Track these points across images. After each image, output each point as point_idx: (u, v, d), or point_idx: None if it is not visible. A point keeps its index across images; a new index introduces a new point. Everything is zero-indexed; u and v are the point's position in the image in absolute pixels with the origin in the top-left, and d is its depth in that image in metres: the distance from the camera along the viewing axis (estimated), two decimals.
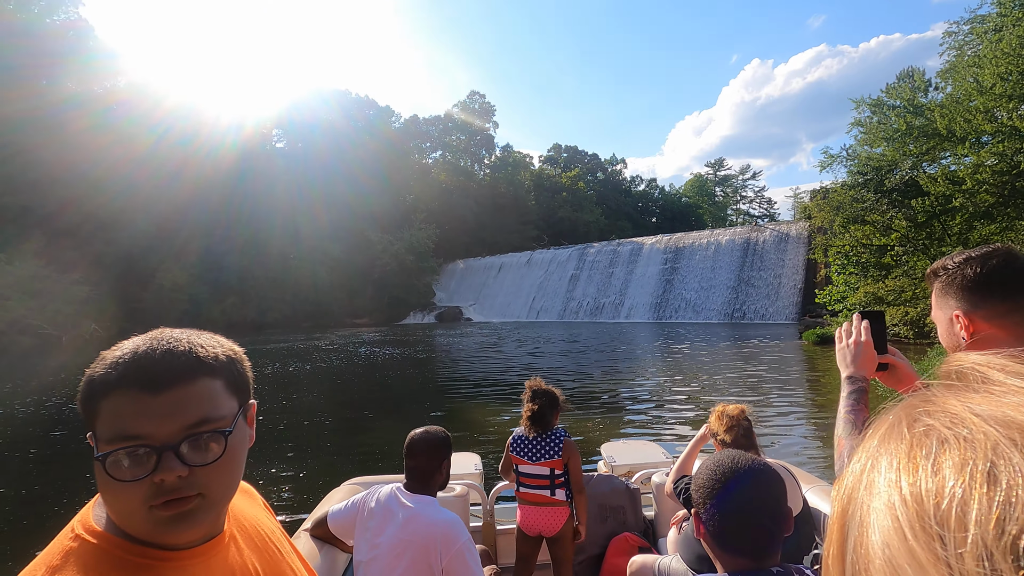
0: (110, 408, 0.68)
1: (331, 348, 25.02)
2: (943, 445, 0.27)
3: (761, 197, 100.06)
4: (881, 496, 0.28)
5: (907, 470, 0.28)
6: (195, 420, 0.71)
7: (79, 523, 0.72)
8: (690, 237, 49.09)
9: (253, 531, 0.89)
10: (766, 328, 33.29)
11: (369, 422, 10.06)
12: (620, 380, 14.73)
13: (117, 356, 0.71)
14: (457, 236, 68.62)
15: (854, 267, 21.84)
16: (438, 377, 16.03)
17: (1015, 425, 0.25)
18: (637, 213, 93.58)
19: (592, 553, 3.19)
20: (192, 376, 0.72)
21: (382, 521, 1.95)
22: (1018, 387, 0.29)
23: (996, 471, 0.24)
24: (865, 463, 0.31)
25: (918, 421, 0.30)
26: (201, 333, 0.79)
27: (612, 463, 3.70)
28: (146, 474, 0.67)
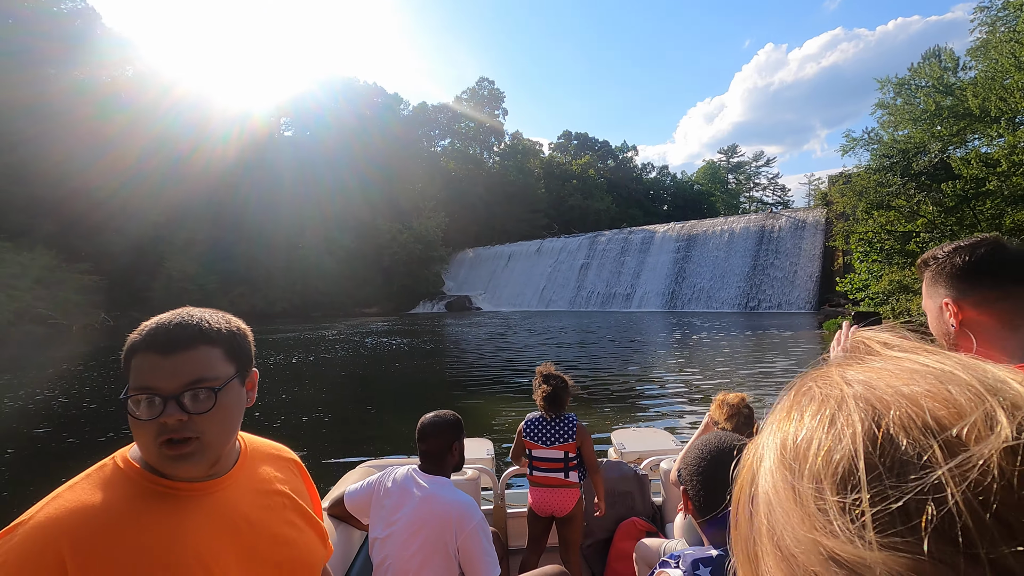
0: (136, 365, 0.90)
1: (337, 338, 24.65)
2: (811, 400, 0.34)
3: (775, 184, 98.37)
4: (768, 443, 0.35)
5: (786, 420, 0.34)
6: (194, 378, 0.90)
7: (118, 454, 0.96)
8: (703, 225, 48.14)
9: (263, 487, 1.06)
10: (782, 317, 32.49)
11: (371, 417, 9.59)
12: (633, 370, 14.29)
13: (146, 325, 0.92)
14: (466, 225, 68.05)
15: (877, 254, 21.00)
16: (446, 368, 15.57)
17: (864, 384, 0.31)
18: (648, 201, 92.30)
19: (600, 537, 3.25)
20: (194, 344, 0.92)
21: (399, 500, 2.00)
22: (888, 356, 0.35)
23: (838, 416, 0.30)
24: (769, 421, 0.37)
25: (804, 385, 0.36)
26: (216, 312, 1.00)
27: (622, 450, 3.77)
28: (154, 416, 0.87)
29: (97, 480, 0.91)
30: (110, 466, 0.93)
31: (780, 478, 0.31)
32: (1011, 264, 1.18)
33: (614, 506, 3.26)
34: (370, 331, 28.83)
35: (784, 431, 0.34)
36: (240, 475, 1.03)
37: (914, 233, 20.71)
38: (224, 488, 0.99)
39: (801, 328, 24.52)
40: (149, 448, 0.89)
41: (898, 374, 0.32)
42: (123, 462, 0.94)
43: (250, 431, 1.15)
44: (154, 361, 0.89)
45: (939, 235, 19.75)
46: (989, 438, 0.26)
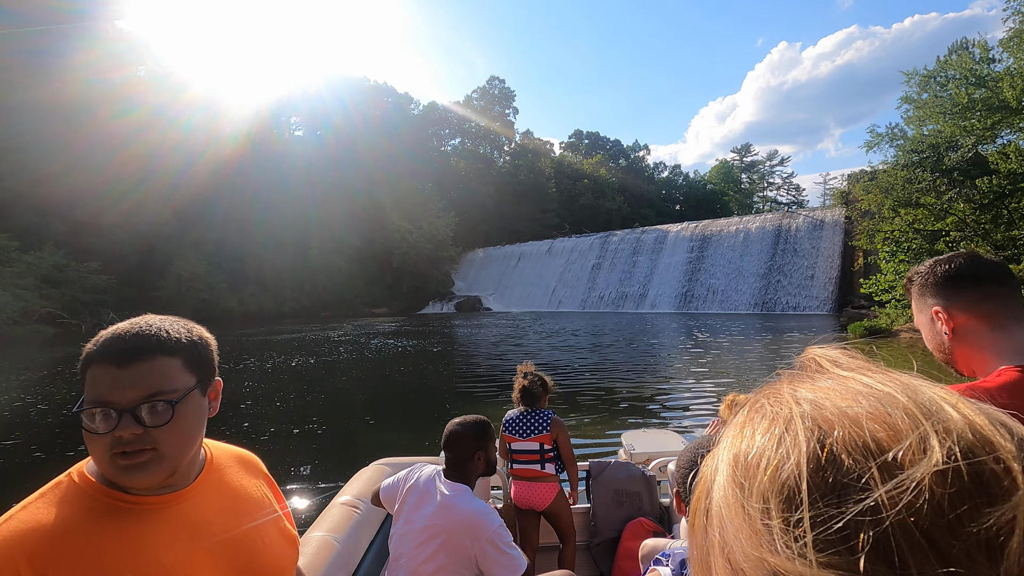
0: (91, 377, 0.87)
1: (342, 340, 24.11)
2: (762, 417, 0.34)
3: (789, 184, 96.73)
4: (722, 459, 0.35)
5: (736, 438, 0.35)
6: (150, 391, 0.88)
7: (74, 468, 0.92)
8: (717, 224, 47.16)
9: (230, 495, 1.04)
10: (800, 319, 31.51)
11: (368, 428, 8.97)
12: (646, 372, 13.69)
13: (103, 335, 0.89)
14: (476, 224, 67.54)
15: (904, 254, 20.08)
16: (453, 372, 14.94)
17: (812, 403, 0.32)
18: (660, 200, 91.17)
19: (608, 536, 3.26)
20: (151, 355, 0.89)
21: (420, 499, 2.04)
22: (836, 374, 0.36)
23: (786, 435, 0.31)
24: (726, 435, 0.38)
25: (758, 401, 0.37)
26: (177, 320, 0.97)
27: (631, 451, 3.78)
28: (109, 430, 0.85)
29: (53, 498, 0.87)
30: (66, 483, 0.90)
31: (731, 494, 0.32)
32: (989, 267, 1.25)
33: (622, 506, 3.29)
34: (377, 332, 28.32)
35: (736, 447, 0.34)
36: (206, 484, 1.01)
37: (943, 232, 19.78)
38: (188, 499, 0.96)
39: (820, 331, 23.60)
40: (102, 460, 0.87)
41: (843, 394, 0.32)
42: (79, 477, 0.90)
43: (235, 441, 1.15)
44: (110, 373, 0.86)
45: (970, 233, 18.82)
46: (922, 462, 0.27)
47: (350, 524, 2.32)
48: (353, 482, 2.73)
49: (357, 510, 2.44)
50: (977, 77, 18.50)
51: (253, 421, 9.06)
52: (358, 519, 2.39)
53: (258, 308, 47.53)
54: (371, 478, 2.76)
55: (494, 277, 60.64)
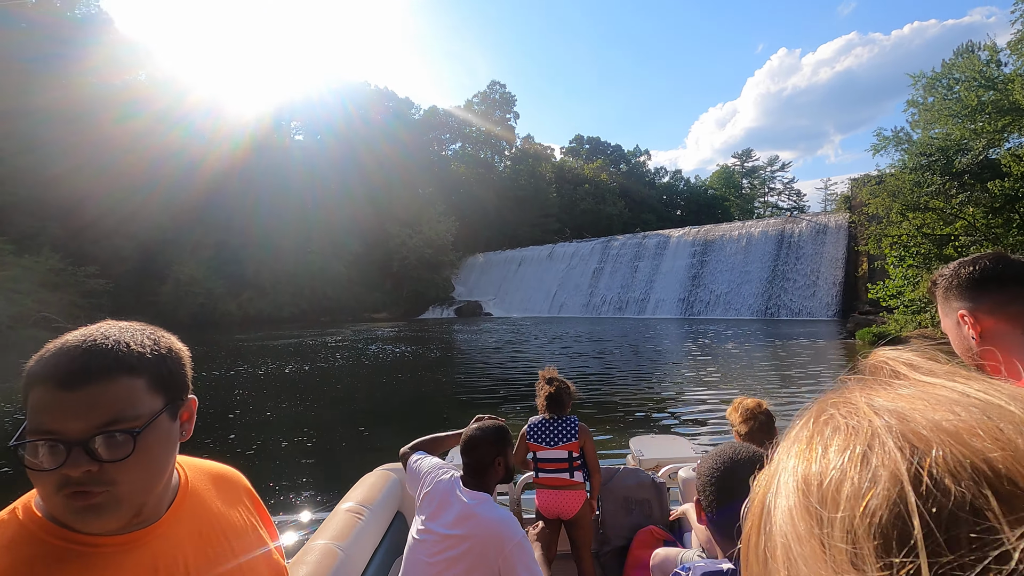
0: (33, 400, 0.72)
1: (339, 345, 23.75)
2: (835, 432, 0.30)
3: (790, 189, 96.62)
4: (784, 481, 0.31)
5: (804, 456, 0.30)
6: (107, 419, 0.73)
7: (20, 503, 0.78)
8: (720, 229, 46.84)
9: (206, 523, 0.90)
10: (804, 325, 31.14)
11: (362, 441, 8.59)
12: (650, 378, 13.43)
13: (46, 350, 0.74)
14: (477, 229, 67.28)
15: (913, 259, 19.72)
16: (451, 380, 14.56)
17: (898, 414, 0.27)
18: (662, 206, 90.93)
19: (617, 545, 3.20)
20: (107, 375, 0.73)
21: (439, 505, 1.99)
22: (917, 380, 0.31)
23: (870, 454, 0.26)
24: (784, 449, 0.34)
25: (824, 412, 0.32)
26: (141, 328, 0.82)
27: (640, 457, 3.71)
28: (56, 466, 0.70)
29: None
30: (7, 521, 0.75)
31: (803, 526, 0.28)
32: (1014, 268, 1.21)
33: (631, 514, 3.23)
34: (375, 337, 27.96)
35: (805, 466, 0.30)
36: (179, 516, 0.86)
37: (952, 236, 19.44)
38: (157, 537, 0.81)
39: (826, 336, 23.23)
40: (50, 500, 0.72)
41: (934, 404, 0.27)
42: (25, 514, 0.75)
43: (223, 453, 0.92)
44: (56, 397, 0.70)
45: (980, 238, 18.47)
46: None
47: (354, 531, 2.26)
48: (357, 488, 2.66)
49: (361, 517, 2.37)
50: (986, 79, 18.20)
51: (240, 432, 8.70)
52: (362, 526, 2.33)
53: (257, 313, 47.20)
54: (375, 484, 2.72)
55: (495, 282, 60.31)
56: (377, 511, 2.49)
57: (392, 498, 2.75)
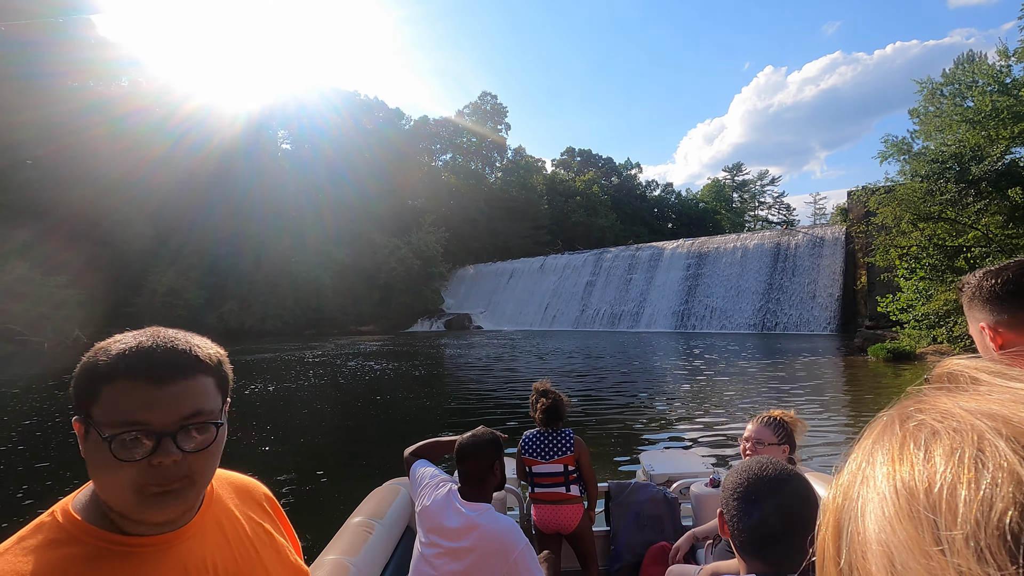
0: (113, 395, 0.76)
1: (319, 360, 22.24)
2: (934, 436, 0.29)
3: (780, 203, 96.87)
4: (877, 487, 0.30)
5: (900, 460, 0.30)
6: (191, 411, 0.79)
7: (58, 506, 0.81)
8: (715, 242, 46.04)
9: (232, 529, 0.93)
10: (803, 340, 30.14)
11: (320, 489, 7.16)
12: (649, 395, 12.51)
13: (122, 347, 0.78)
14: (467, 241, 66.12)
15: (925, 271, 18.81)
16: (434, 404, 13.21)
17: (1000, 417, 0.27)
18: (653, 219, 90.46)
19: (629, 561, 3.13)
20: (192, 372, 0.80)
21: (440, 519, 1.97)
22: (1003, 386, 0.31)
23: (983, 457, 0.25)
24: (861, 460, 0.33)
25: (910, 419, 0.32)
26: (193, 335, 0.88)
27: (651, 472, 3.58)
28: (144, 456, 0.75)
29: (34, 543, 0.75)
30: (49, 524, 0.77)
31: (908, 534, 0.26)
32: None
33: (643, 530, 3.16)
34: (358, 352, 26.47)
35: (905, 473, 0.29)
36: (207, 520, 0.89)
37: (964, 248, 18.57)
38: (189, 538, 0.84)
39: (832, 353, 22.19)
40: (124, 491, 0.75)
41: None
42: (64, 517, 0.78)
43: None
44: (144, 391, 0.75)
45: (995, 249, 17.58)
46: None
47: (365, 545, 2.24)
48: (367, 502, 2.68)
49: (371, 531, 2.36)
50: (1001, 84, 17.46)
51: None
52: (373, 540, 2.31)
53: (238, 325, 45.51)
54: (385, 498, 2.72)
55: (485, 294, 59.02)
56: (387, 525, 2.48)
57: (402, 512, 2.71)
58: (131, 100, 45.23)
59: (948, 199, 16.98)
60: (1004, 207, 15.89)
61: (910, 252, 19.30)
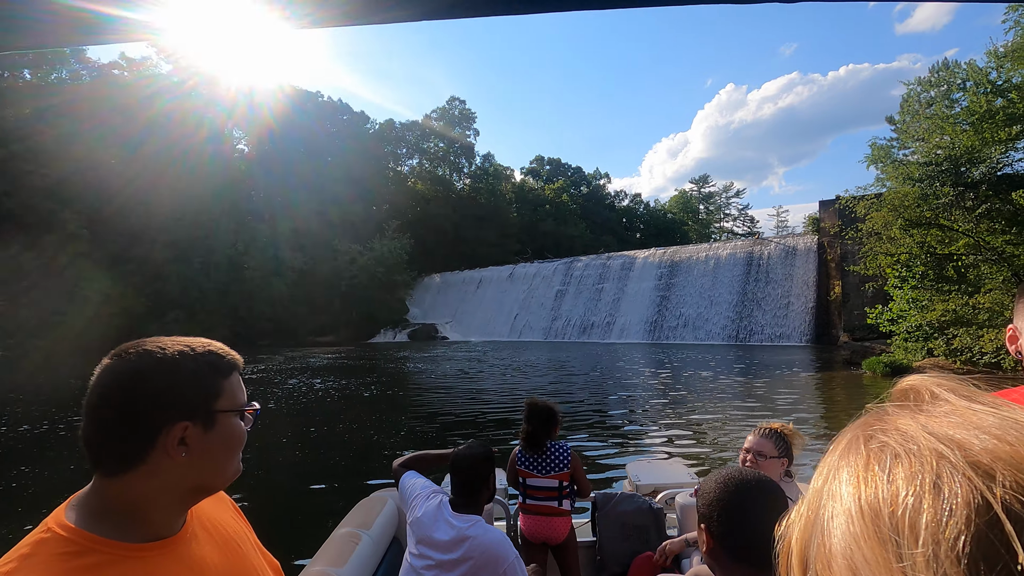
0: (231, 385, 0.91)
1: (253, 379, 19.56)
2: (896, 459, 0.30)
3: (744, 215, 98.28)
4: (844, 504, 0.31)
5: (864, 481, 0.31)
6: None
7: (52, 520, 0.80)
8: (687, 251, 45.26)
9: (216, 531, 0.99)
10: (777, 352, 29.22)
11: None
12: (627, 410, 11.73)
13: (216, 348, 0.93)
14: (433, 248, 63.91)
15: (916, 279, 17.84)
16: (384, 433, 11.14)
17: (956, 443, 0.29)
18: (622, 228, 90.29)
19: (614, 572, 3.12)
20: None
21: (431, 531, 1.97)
22: (962, 407, 0.32)
23: (940, 483, 0.27)
24: (827, 475, 0.34)
25: (873, 438, 0.33)
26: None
27: (637, 482, 3.64)
28: (248, 429, 0.94)
29: (45, 558, 0.74)
30: (52, 539, 0.77)
31: (874, 553, 0.28)
32: None
33: (628, 540, 3.18)
34: (306, 367, 23.96)
35: (869, 493, 0.30)
36: (196, 523, 0.94)
37: (953, 256, 17.67)
38: (185, 543, 0.89)
39: (815, 366, 21.07)
40: (231, 461, 0.91)
41: (987, 432, 0.29)
42: (67, 531, 0.78)
43: None
44: (240, 380, 0.94)
45: (990, 258, 16.69)
46: None
47: (352, 556, 2.22)
48: (354, 512, 2.66)
49: (358, 541, 2.33)
50: (994, 86, 16.66)
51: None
52: (360, 550, 2.29)
53: (183, 335, 41.65)
54: (372, 508, 2.70)
55: (452, 304, 56.86)
56: (374, 536, 2.46)
57: (388, 523, 2.69)
58: (56, 90, 41.69)
59: (945, 203, 16.00)
60: (1005, 211, 14.96)
61: (900, 259, 18.32)
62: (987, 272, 16.53)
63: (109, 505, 0.81)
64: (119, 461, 0.80)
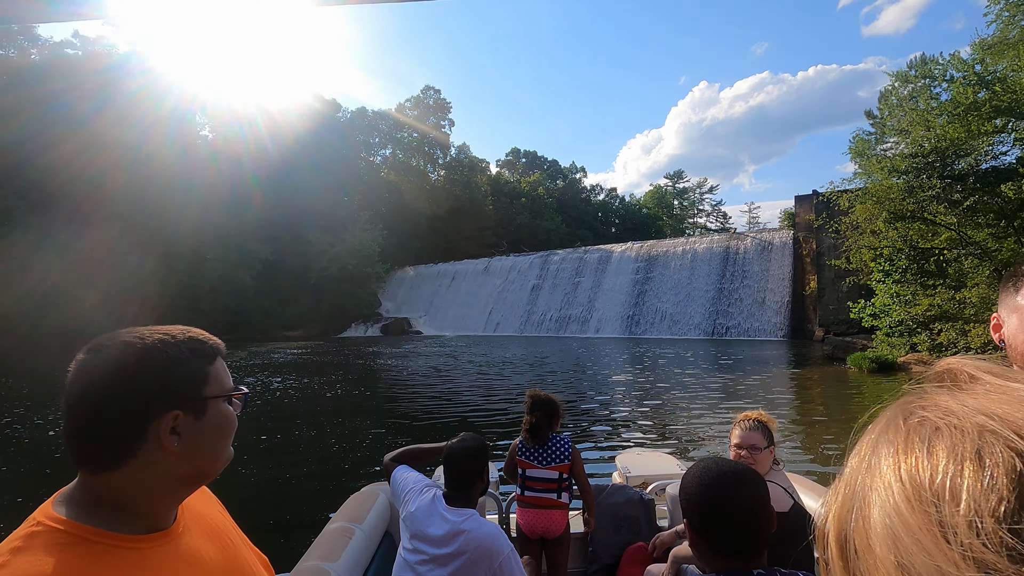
0: (217, 370, 0.89)
1: None
2: (936, 432, 0.31)
3: (718, 211, 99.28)
4: (883, 477, 0.32)
5: (905, 453, 0.32)
6: None
7: (40, 514, 0.77)
8: (664, 245, 45.00)
9: (206, 525, 0.98)
10: (754, 346, 29.05)
11: None
12: (625, 404, 10.91)
13: (197, 334, 0.91)
14: (407, 240, 62.44)
15: (900, 273, 17.58)
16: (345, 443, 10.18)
17: (996, 416, 0.30)
18: (598, 222, 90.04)
19: (606, 563, 3.16)
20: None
21: (425, 525, 1.95)
22: (1003, 386, 0.33)
23: (982, 452, 0.28)
24: (866, 451, 0.35)
25: (913, 415, 0.34)
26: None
27: (627, 473, 3.67)
28: (238, 413, 0.93)
29: (40, 548, 0.71)
30: (45, 531, 0.73)
31: (919, 520, 0.29)
32: None
33: (619, 531, 3.20)
34: (268, 363, 22.61)
35: (911, 465, 0.31)
36: (188, 516, 0.92)
37: (935, 250, 17.45)
38: (179, 536, 0.87)
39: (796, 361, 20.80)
40: (226, 445, 0.89)
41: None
42: (59, 522, 0.75)
43: None
44: (224, 365, 0.92)
45: (973, 252, 16.48)
46: None
47: (345, 551, 2.21)
48: (346, 507, 2.64)
49: (351, 536, 2.33)
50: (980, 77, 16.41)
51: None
52: (353, 545, 2.28)
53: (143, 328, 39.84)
54: (364, 503, 2.68)
55: (426, 297, 55.61)
56: (367, 530, 2.43)
57: (381, 517, 2.66)
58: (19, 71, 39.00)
59: (931, 196, 15.70)
60: (993, 204, 14.70)
61: (883, 253, 18.04)
62: (970, 267, 16.35)
63: (100, 499, 0.78)
64: (108, 458, 0.77)
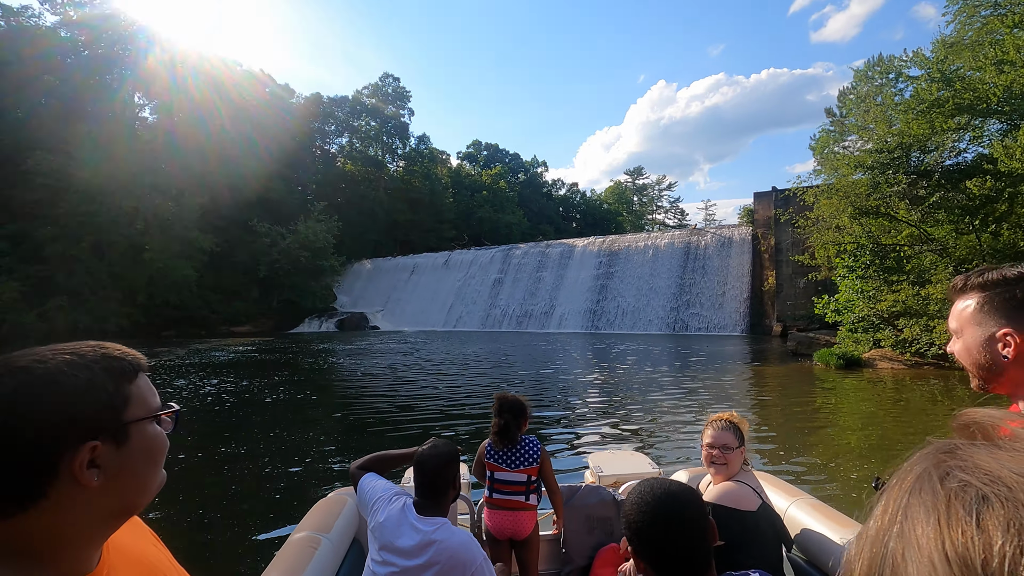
0: (140, 389, 0.80)
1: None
2: (985, 503, 0.27)
3: (676, 208, 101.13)
4: (920, 548, 0.28)
5: (948, 526, 0.28)
6: None
7: None
8: (625, 240, 44.91)
9: (137, 562, 0.89)
10: (714, 342, 29.09)
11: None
12: (594, 400, 10.37)
13: (112, 350, 0.80)
14: (364, 233, 60.36)
15: (863, 269, 17.61)
16: (278, 462, 9.04)
17: None
18: (559, 217, 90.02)
19: (579, 564, 3.11)
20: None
21: (395, 535, 1.90)
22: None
23: None
24: (894, 511, 0.32)
25: (950, 476, 0.30)
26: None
27: (599, 473, 3.63)
28: (170, 431, 0.85)
29: None
30: None
31: None
32: None
33: (592, 532, 3.16)
34: (208, 362, 20.81)
35: (958, 542, 0.27)
36: (114, 556, 0.82)
37: (895, 247, 17.55)
38: (110, 572, 0.79)
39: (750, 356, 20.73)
40: (157, 481, 0.81)
41: None
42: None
43: None
44: (148, 382, 0.83)
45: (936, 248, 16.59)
46: None
47: (311, 562, 2.11)
48: (311, 515, 2.52)
49: (317, 546, 2.21)
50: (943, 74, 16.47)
51: None
52: (319, 555, 2.18)
53: (70, 325, 36.68)
54: (331, 510, 2.58)
55: (383, 292, 53.85)
56: (333, 539, 2.34)
57: (348, 524, 2.57)
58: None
59: (898, 191, 15.66)
60: (959, 200, 14.74)
61: (847, 248, 18.03)
62: (931, 263, 16.46)
63: (7, 548, 0.68)
64: (11, 503, 0.67)
